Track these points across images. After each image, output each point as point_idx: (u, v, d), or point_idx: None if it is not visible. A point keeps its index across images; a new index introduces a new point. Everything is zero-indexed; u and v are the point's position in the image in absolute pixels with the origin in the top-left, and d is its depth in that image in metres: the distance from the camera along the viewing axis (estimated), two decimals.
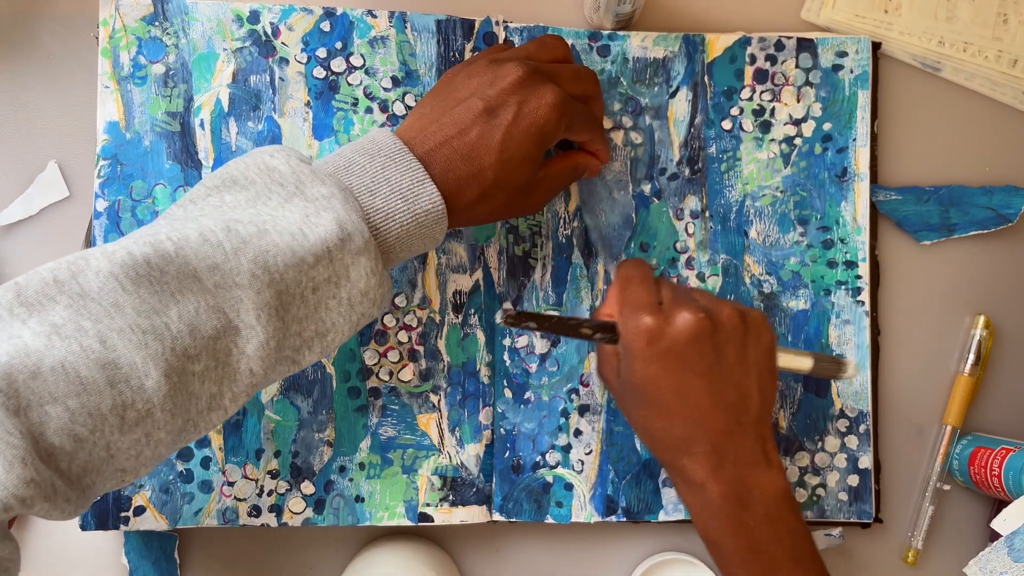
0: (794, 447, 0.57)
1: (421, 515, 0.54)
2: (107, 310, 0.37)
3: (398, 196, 0.44)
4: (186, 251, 0.39)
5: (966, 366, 0.58)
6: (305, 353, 0.43)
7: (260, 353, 0.41)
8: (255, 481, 0.54)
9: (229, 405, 0.42)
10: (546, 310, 0.56)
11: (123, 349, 0.37)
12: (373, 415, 0.55)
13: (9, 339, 0.36)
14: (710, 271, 0.57)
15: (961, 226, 0.59)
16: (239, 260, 0.40)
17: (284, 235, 0.41)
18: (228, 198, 0.42)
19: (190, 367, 0.39)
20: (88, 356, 0.37)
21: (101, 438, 0.37)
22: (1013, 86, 0.59)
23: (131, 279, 0.38)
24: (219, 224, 0.40)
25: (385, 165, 0.44)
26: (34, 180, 0.56)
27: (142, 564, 0.55)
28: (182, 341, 0.39)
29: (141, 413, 0.38)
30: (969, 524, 0.59)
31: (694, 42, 0.58)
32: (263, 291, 0.40)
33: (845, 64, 0.58)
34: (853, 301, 0.58)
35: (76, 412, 0.36)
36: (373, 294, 0.43)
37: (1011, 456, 0.54)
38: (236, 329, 0.40)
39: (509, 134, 0.46)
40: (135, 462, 0.39)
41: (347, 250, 0.42)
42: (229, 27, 0.55)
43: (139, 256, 0.38)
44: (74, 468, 0.37)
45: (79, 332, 0.37)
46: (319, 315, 0.42)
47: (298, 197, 0.42)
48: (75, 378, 0.36)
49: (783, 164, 0.58)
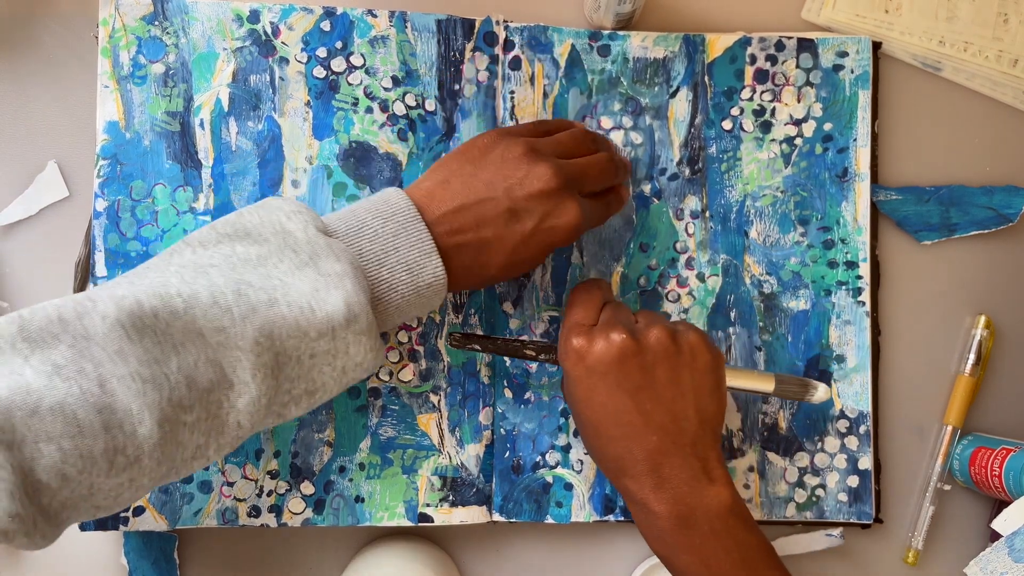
0: (794, 447, 0.57)
1: (421, 515, 0.54)
2: (110, 356, 0.38)
3: (403, 268, 0.45)
4: (195, 311, 0.40)
5: (966, 366, 0.58)
6: (292, 408, 0.44)
7: (250, 408, 0.41)
8: (255, 481, 0.54)
9: (212, 455, 0.42)
10: (546, 310, 0.56)
11: (122, 395, 0.38)
12: (373, 415, 0.55)
13: (11, 375, 0.37)
14: (710, 271, 0.57)
15: (962, 226, 0.59)
16: (245, 327, 0.40)
17: (293, 308, 0.41)
18: (239, 249, 0.42)
19: (183, 417, 0.39)
20: (87, 399, 0.37)
21: (87, 479, 0.37)
22: (1013, 86, 0.59)
23: (136, 329, 0.38)
24: (230, 286, 0.41)
25: (397, 233, 0.45)
26: (34, 180, 0.56)
27: (141, 564, 0.55)
28: (178, 392, 0.39)
29: (130, 459, 0.38)
30: (969, 524, 0.59)
31: (694, 42, 0.58)
32: (263, 355, 0.41)
33: (846, 64, 0.58)
34: (854, 301, 0.58)
35: (68, 453, 0.36)
36: (367, 365, 0.44)
37: (1011, 456, 0.54)
38: (230, 383, 0.41)
39: (524, 243, 0.47)
40: (112, 502, 0.39)
41: (351, 330, 0.42)
42: (229, 27, 0.55)
43: (147, 308, 0.39)
44: (54, 504, 0.37)
45: (80, 374, 0.37)
46: (311, 376, 0.43)
47: (310, 268, 0.42)
48: (72, 420, 0.36)
49: (783, 164, 0.58)
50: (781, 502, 0.57)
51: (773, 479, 0.57)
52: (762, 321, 0.57)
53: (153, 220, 0.54)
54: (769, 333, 0.57)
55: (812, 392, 0.52)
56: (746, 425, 0.57)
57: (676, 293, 0.57)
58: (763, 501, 0.56)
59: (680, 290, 0.57)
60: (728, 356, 0.57)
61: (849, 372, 0.57)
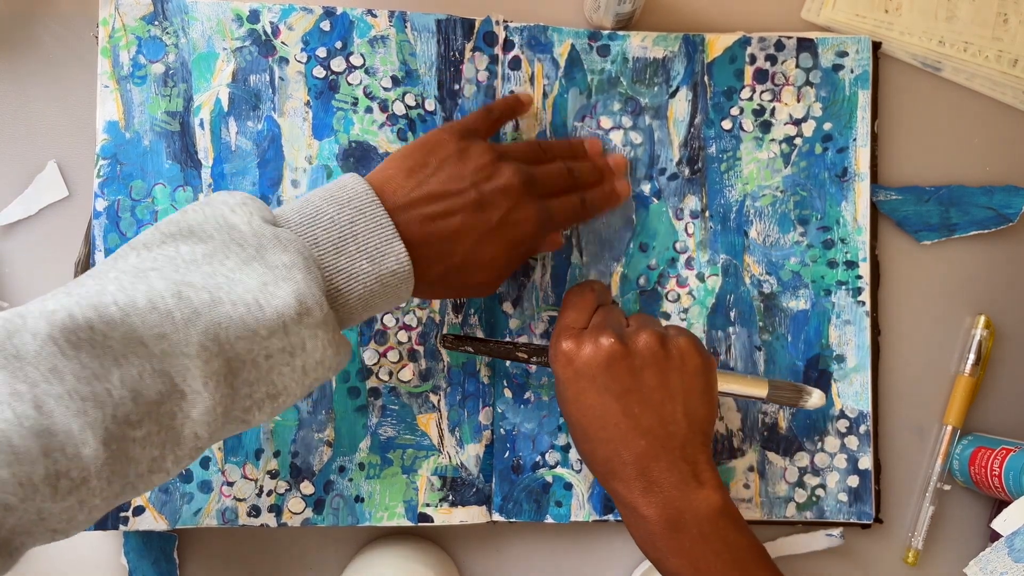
0: (794, 448, 0.57)
1: (421, 515, 0.54)
2: (44, 375, 0.35)
3: (364, 256, 0.43)
4: (132, 318, 0.37)
5: (966, 366, 0.58)
6: (255, 413, 0.42)
7: (206, 418, 0.39)
8: (254, 481, 0.54)
9: (172, 468, 0.40)
10: (546, 310, 0.56)
11: (60, 416, 0.35)
12: (373, 415, 0.55)
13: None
14: (710, 271, 0.57)
15: (961, 226, 0.59)
16: (188, 332, 0.38)
17: (238, 306, 0.39)
18: (184, 249, 0.40)
19: (131, 433, 0.37)
20: (22, 424, 0.34)
21: (32, 506, 0.35)
22: (1013, 86, 0.59)
23: (71, 343, 0.36)
24: (170, 289, 0.38)
25: (354, 218, 0.43)
26: (34, 180, 0.56)
27: (141, 564, 0.55)
28: (124, 407, 0.37)
29: (76, 482, 0.36)
30: (969, 524, 0.59)
31: (694, 42, 0.58)
32: (212, 360, 0.38)
33: (845, 64, 0.58)
34: (853, 301, 0.58)
35: (6, 481, 0.34)
36: (329, 362, 0.42)
37: (1011, 456, 0.54)
38: (181, 393, 0.38)
39: (491, 235, 0.47)
40: (67, 524, 0.37)
41: (304, 324, 0.40)
42: (229, 26, 0.55)
43: (81, 320, 0.36)
44: (2, 532, 0.35)
45: (13, 397, 0.34)
46: (271, 378, 0.41)
47: (257, 261, 0.40)
48: (6, 447, 0.34)
49: (783, 164, 0.58)
50: (781, 502, 0.57)
51: (773, 479, 0.57)
52: (762, 321, 0.57)
53: (153, 220, 0.54)
54: (769, 333, 0.57)
55: (806, 398, 0.51)
56: (746, 425, 0.57)
57: (676, 293, 0.57)
58: (763, 501, 0.56)
59: (680, 290, 0.57)
60: (728, 356, 0.57)
61: (849, 372, 0.57)
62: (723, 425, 0.57)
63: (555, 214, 0.50)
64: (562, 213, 0.51)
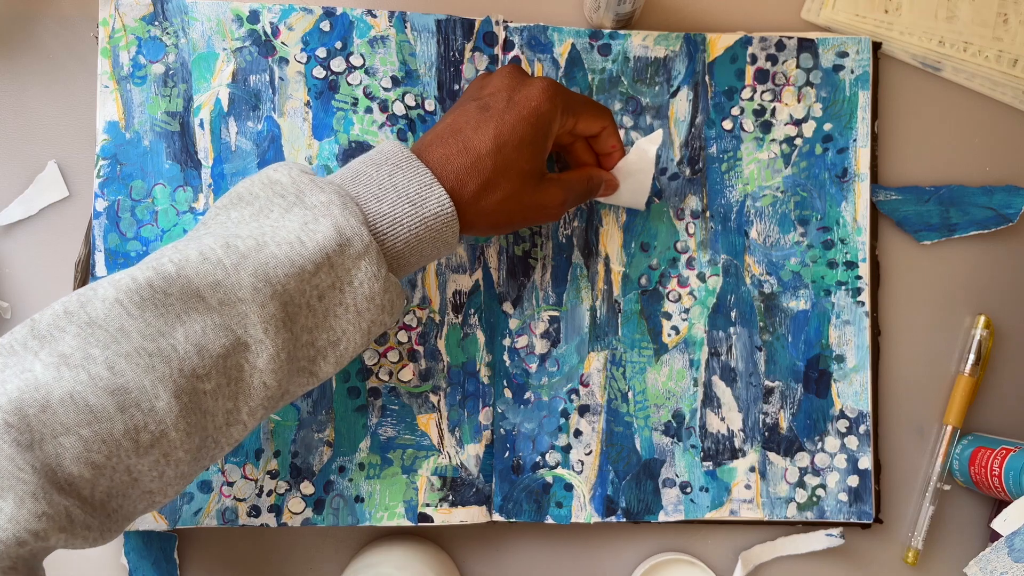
0: (794, 448, 0.57)
1: (421, 515, 0.54)
2: (113, 336, 0.38)
3: (405, 201, 0.44)
4: (187, 271, 0.40)
5: (966, 366, 0.58)
6: (320, 364, 0.44)
7: (272, 366, 0.41)
8: (254, 481, 0.54)
9: (248, 419, 0.42)
10: (546, 310, 0.56)
11: (131, 374, 0.38)
12: (373, 415, 0.55)
13: (21, 373, 0.37)
14: (711, 271, 0.57)
15: (961, 226, 0.59)
16: (239, 275, 0.40)
17: (282, 246, 0.41)
18: (234, 215, 0.43)
19: (200, 386, 0.40)
20: (96, 384, 0.37)
21: (119, 463, 0.38)
22: (1013, 86, 0.59)
23: (135, 303, 0.39)
24: (218, 242, 0.41)
25: (392, 172, 0.45)
26: (34, 180, 0.56)
27: (141, 564, 0.55)
28: (190, 361, 0.39)
29: (155, 435, 0.38)
30: (969, 524, 0.59)
31: (695, 42, 0.58)
32: (267, 304, 0.40)
33: (846, 64, 0.58)
34: (853, 301, 0.58)
35: (90, 441, 0.37)
36: (379, 299, 0.43)
37: (1011, 456, 0.54)
38: (245, 345, 0.41)
39: (502, 119, 0.46)
40: (160, 482, 0.40)
41: (347, 255, 0.42)
42: (229, 27, 0.55)
43: (142, 280, 0.39)
44: (97, 494, 0.38)
45: (87, 360, 0.37)
46: (328, 323, 0.43)
47: (298, 206, 0.42)
48: (84, 407, 0.37)
49: (783, 164, 0.58)
50: (782, 502, 0.57)
51: (774, 479, 0.57)
52: (762, 321, 0.57)
53: (153, 220, 0.54)
54: (769, 333, 0.57)
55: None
56: (747, 425, 0.57)
57: (677, 293, 0.57)
58: (764, 501, 0.56)
59: (681, 290, 0.57)
60: (729, 356, 0.57)
61: (849, 372, 0.57)
62: (724, 426, 0.57)
63: (569, 94, 0.49)
64: (578, 99, 0.50)
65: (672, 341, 0.57)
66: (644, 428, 0.56)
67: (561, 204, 0.49)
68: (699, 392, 0.57)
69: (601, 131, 0.52)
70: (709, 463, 0.56)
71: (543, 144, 0.48)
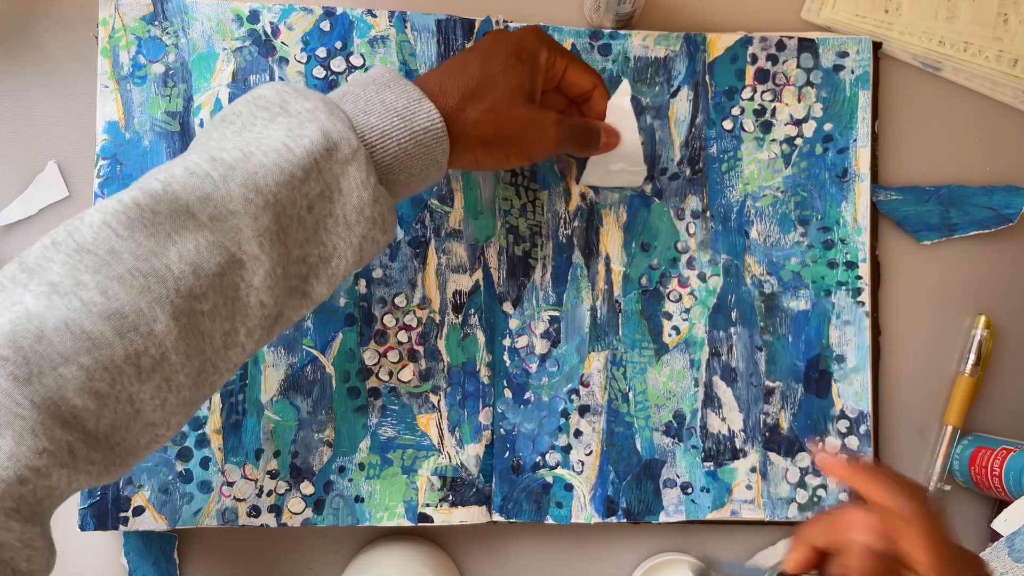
0: (795, 448, 0.57)
1: (421, 515, 0.54)
2: (103, 259, 0.37)
3: (394, 115, 0.43)
4: (174, 187, 0.39)
5: (967, 366, 0.58)
6: (313, 283, 0.43)
7: (268, 283, 0.40)
8: (254, 481, 0.54)
9: (246, 341, 0.41)
10: (546, 310, 0.56)
11: (126, 297, 0.37)
12: (373, 415, 0.55)
13: (12, 306, 0.36)
14: (711, 271, 0.57)
15: (961, 226, 0.59)
16: (228, 187, 0.39)
17: (269, 153, 0.40)
18: (215, 135, 0.42)
19: (198, 306, 0.39)
20: (90, 310, 0.36)
21: (123, 391, 0.37)
22: (1013, 86, 0.59)
23: (123, 224, 0.38)
24: (203, 157, 0.40)
25: (380, 90, 0.44)
26: (34, 180, 0.56)
27: (141, 564, 0.55)
28: (186, 281, 0.38)
29: (155, 359, 0.37)
30: (970, 524, 0.59)
31: (695, 41, 0.58)
32: (260, 216, 0.39)
33: (846, 64, 0.58)
34: (853, 302, 0.58)
35: (91, 369, 0.36)
36: (369, 211, 0.42)
37: (1012, 456, 0.54)
38: (240, 262, 0.40)
39: (489, 47, 0.48)
40: (162, 412, 0.38)
41: (335, 160, 0.41)
42: (229, 27, 0.55)
43: (128, 201, 0.38)
44: (101, 427, 0.37)
45: (78, 287, 0.36)
46: (319, 237, 0.42)
47: (282, 116, 0.41)
48: (81, 335, 0.36)
49: (784, 164, 0.58)
50: (783, 503, 0.57)
51: (775, 480, 0.57)
52: (763, 321, 0.57)
53: None
54: (770, 333, 0.57)
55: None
56: (748, 426, 0.57)
57: (677, 293, 0.57)
58: (765, 502, 0.56)
59: (681, 290, 0.57)
60: (729, 356, 0.57)
61: (849, 372, 0.57)
62: (725, 426, 0.57)
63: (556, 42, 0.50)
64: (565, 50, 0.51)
65: (673, 341, 0.57)
66: (645, 428, 0.56)
67: (556, 133, 0.49)
68: (700, 392, 0.57)
69: (592, 89, 0.52)
70: (710, 463, 0.56)
71: (530, 69, 0.48)
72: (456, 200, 0.56)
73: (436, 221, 0.56)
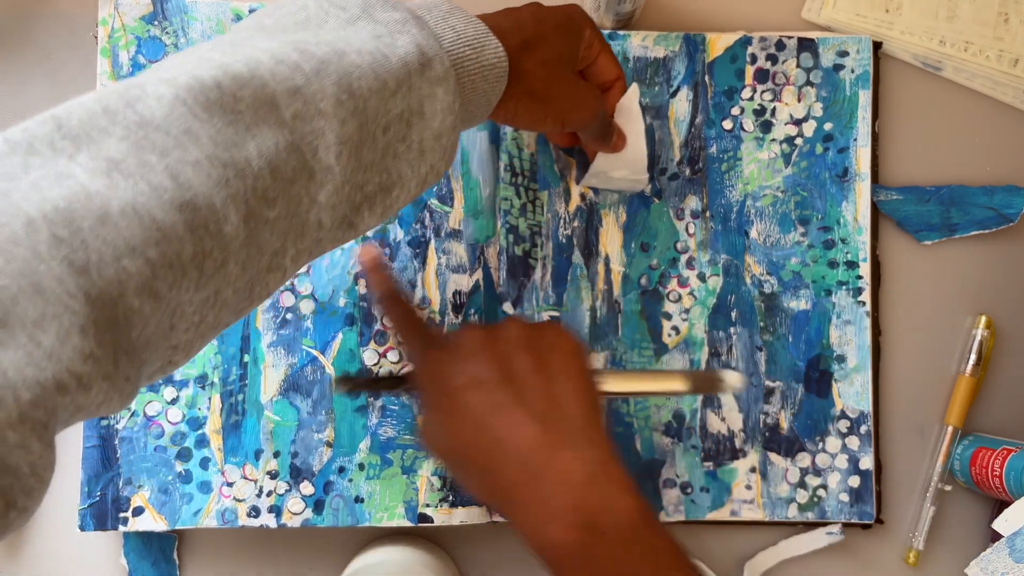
0: (795, 448, 0.57)
1: (421, 516, 0.54)
2: (177, 140, 0.31)
3: (463, 43, 0.39)
4: (261, 72, 0.33)
5: (967, 366, 0.58)
6: (364, 214, 0.38)
7: (332, 200, 0.35)
8: (254, 482, 0.54)
9: (290, 266, 0.36)
10: (546, 310, 0.56)
11: (200, 187, 0.31)
12: (373, 415, 0.55)
13: (59, 178, 0.29)
14: (711, 271, 0.57)
15: (962, 226, 0.59)
16: (322, 82, 0.34)
17: (364, 55, 0.35)
18: (268, 22, 0.36)
19: (266, 213, 0.33)
20: (161, 196, 0.30)
21: (176, 297, 0.31)
22: (1014, 86, 0.59)
23: (202, 105, 0.31)
24: (287, 45, 0.34)
25: (446, 16, 0.40)
26: None
27: (141, 565, 0.55)
28: (263, 181, 0.32)
29: (217, 264, 0.32)
30: (970, 525, 0.59)
31: (695, 41, 0.58)
32: (348, 121, 0.35)
33: (846, 64, 0.58)
34: (854, 301, 0.58)
35: (157, 265, 0.29)
36: (446, 139, 0.38)
37: (1012, 456, 0.54)
38: (311, 172, 0.34)
39: (536, 6, 0.45)
40: (193, 332, 0.33)
41: (426, 77, 0.37)
42: (229, 26, 0.55)
43: (208, 80, 0.32)
44: (141, 339, 0.30)
45: (144, 168, 0.30)
46: (385, 164, 0.37)
47: (364, 20, 0.37)
48: (151, 223, 0.29)
49: (784, 164, 0.58)
50: (783, 503, 0.56)
51: (775, 480, 0.57)
52: (763, 321, 0.57)
53: None
54: (770, 333, 0.57)
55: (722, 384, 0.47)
56: (747, 426, 0.57)
57: (677, 293, 0.57)
58: (765, 502, 0.56)
59: (681, 290, 0.57)
60: (729, 356, 0.57)
61: (850, 372, 0.57)
62: (725, 426, 0.57)
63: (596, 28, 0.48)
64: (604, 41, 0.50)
65: (672, 341, 0.57)
66: (644, 428, 0.56)
67: (597, 105, 0.48)
68: None
69: (615, 81, 0.51)
70: (710, 463, 0.56)
71: (577, 40, 0.46)
72: (456, 200, 0.56)
73: (436, 221, 0.56)
